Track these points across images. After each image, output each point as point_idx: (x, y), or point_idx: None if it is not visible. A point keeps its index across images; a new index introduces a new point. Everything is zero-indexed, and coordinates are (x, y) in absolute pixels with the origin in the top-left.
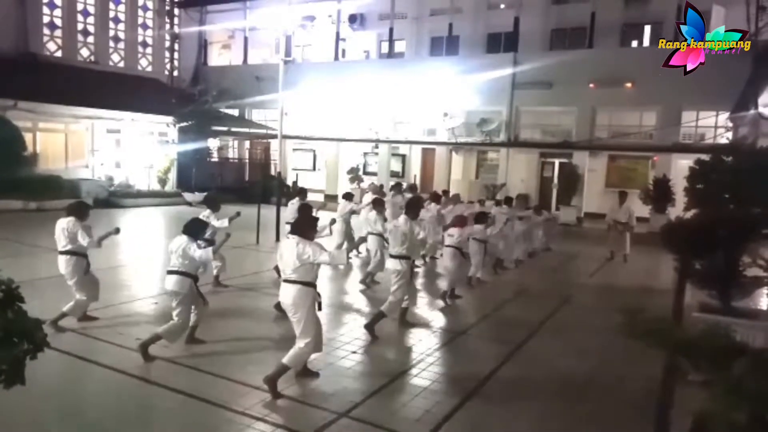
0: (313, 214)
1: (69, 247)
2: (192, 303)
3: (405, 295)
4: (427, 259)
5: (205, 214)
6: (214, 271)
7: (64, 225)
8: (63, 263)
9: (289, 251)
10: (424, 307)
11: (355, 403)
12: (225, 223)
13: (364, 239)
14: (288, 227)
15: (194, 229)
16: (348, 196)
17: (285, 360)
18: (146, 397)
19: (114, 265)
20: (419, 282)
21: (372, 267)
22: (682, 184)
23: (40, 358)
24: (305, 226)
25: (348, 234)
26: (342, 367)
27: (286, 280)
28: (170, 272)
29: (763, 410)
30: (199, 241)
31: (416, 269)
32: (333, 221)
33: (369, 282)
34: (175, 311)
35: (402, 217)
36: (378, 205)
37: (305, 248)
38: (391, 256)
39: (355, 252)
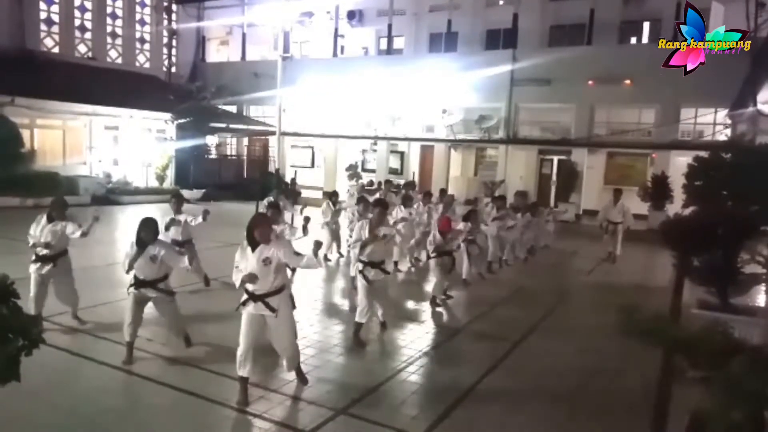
0: (297, 211)
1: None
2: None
3: (367, 306)
4: (420, 263)
5: (180, 217)
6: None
7: (50, 225)
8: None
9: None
10: (418, 305)
11: (352, 400)
12: (199, 220)
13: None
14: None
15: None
16: (333, 195)
17: (292, 366)
18: (143, 395)
19: (110, 262)
20: (410, 282)
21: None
22: (681, 181)
23: (35, 354)
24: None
25: (334, 233)
26: (339, 364)
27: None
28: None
29: (760, 408)
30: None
31: (410, 268)
32: (308, 219)
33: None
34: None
35: (359, 222)
36: (363, 203)
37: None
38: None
39: (337, 253)
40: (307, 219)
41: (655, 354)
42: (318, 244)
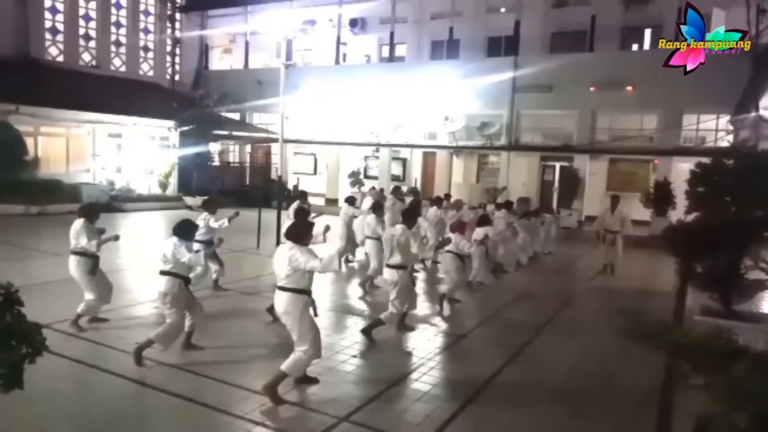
0: (310, 219)
1: (76, 247)
2: (185, 306)
3: (405, 305)
4: (428, 263)
5: (203, 216)
6: (214, 275)
7: (74, 226)
8: (70, 263)
9: (281, 257)
10: (424, 311)
11: (355, 408)
12: (225, 223)
13: (362, 243)
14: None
15: (183, 231)
16: (350, 200)
17: (283, 367)
18: (145, 402)
19: (115, 269)
20: (420, 286)
21: (371, 271)
22: (683, 187)
23: (38, 362)
24: (300, 231)
25: (350, 238)
26: (342, 371)
27: (279, 287)
28: (161, 273)
29: (764, 413)
30: (195, 245)
31: (416, 273)
32: (327, 228)
33: (368, 287)
34: (166, 313)
35: (399, 226)
36: (377, 209)
37: (296, 254)
38: (387, 266)
39: (351, 257)
40: (327, 227)
41: (659, 358)
42: (327, 228)
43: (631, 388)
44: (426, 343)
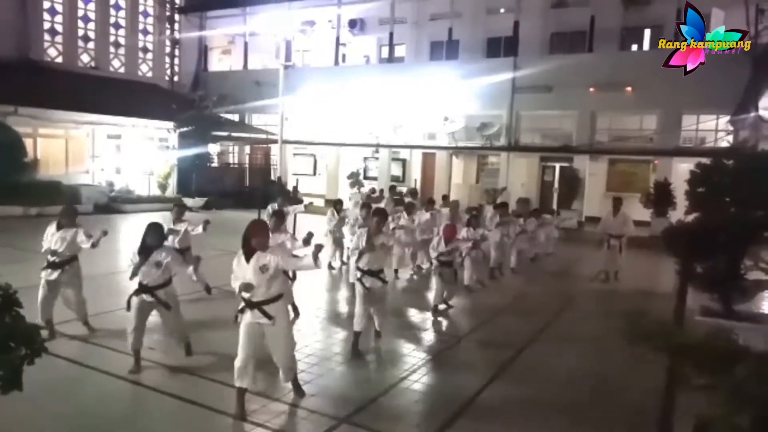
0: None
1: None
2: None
3: (363, 314)
4: (416, 269)
5: (180, 226)
6: (194, 278)
7: (71, 233)
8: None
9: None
10: (420, 313)
11: (354, 410)
12: (199, 230)
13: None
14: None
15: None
16: (337, 204)
17: (288, 377)
18: (145, 403)
19: (113, 270)
20: (412, 290)
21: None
22: (683, 187)
23: (37, 364)
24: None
25: (338, 241)
26: (341, 373)
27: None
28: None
29: (765, 414)
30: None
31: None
32: (311, 234)
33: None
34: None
35: (359, 230)
36: (364, 208)
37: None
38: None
39: (339, 261)
40: (310, 234)
41: (660, 360)
42: (319, 248)
43: (631, 389)
44: (423, 347)
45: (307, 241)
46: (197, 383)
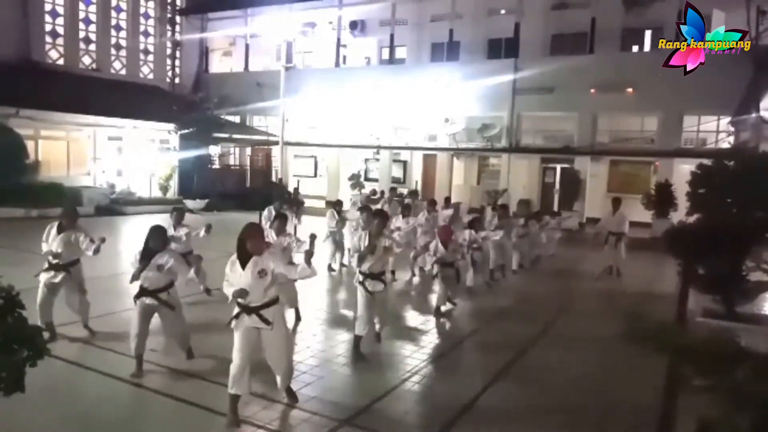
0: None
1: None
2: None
3: (367, 318)
4: (415, 271)
5: (182, 231)
6: (196, 279)
7: (73, 235)
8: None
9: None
10: (422, 315)
11: (355, 411)
12: (201, 233)
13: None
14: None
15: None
16: (337, 205)
17: (285, 383)
18: (146, 405)
19: (115, 272)
20: (414, 291)
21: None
22: (685, 188)
23: (39, 366)
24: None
25: (338, 243)
26: (342, 375)
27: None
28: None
29: (766, 415)
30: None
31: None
32: (313, 236)
33: None
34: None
35: (359, 233)
36: (364, 210)
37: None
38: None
39: (340, 264)
40: (313, 236)
41: (661, 362)
42: (309, 254)
43: (632, 391)
44: (424, 349)
45: (311, 244)
46: (198, 386)
